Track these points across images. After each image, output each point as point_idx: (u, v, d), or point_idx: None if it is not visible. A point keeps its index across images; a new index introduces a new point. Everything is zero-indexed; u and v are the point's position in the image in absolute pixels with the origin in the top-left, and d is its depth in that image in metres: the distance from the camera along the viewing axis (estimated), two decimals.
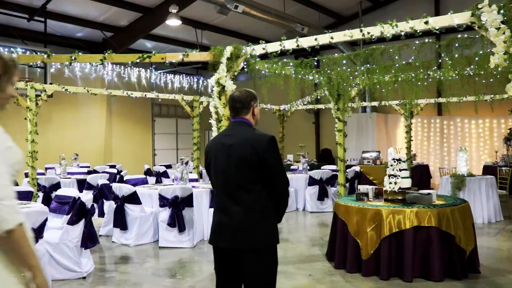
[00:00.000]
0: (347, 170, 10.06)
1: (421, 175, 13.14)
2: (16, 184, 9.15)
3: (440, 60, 7.52)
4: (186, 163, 8.16)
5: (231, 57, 5.85)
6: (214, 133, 5.98)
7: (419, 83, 8.36)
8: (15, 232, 1.86)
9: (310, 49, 5.62)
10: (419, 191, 5.85)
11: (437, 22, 4.64)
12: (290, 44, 5.60)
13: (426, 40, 6.45)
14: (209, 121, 6.06)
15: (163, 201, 7.00)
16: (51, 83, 11.63)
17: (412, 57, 7.03)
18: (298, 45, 5.54)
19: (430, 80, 8.59)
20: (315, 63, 7.57)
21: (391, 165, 5.89)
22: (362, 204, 5.70)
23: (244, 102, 3.14)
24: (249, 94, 3.18)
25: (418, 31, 4.78)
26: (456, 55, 6.44)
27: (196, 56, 6.20)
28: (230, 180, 3.05)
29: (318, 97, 13.16)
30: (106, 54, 5.98)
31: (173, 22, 11.92)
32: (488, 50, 5.99)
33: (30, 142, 8.88)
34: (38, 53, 11.87)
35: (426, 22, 4.64)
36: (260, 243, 3.01)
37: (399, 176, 5.81)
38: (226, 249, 3.09)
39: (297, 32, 13.00)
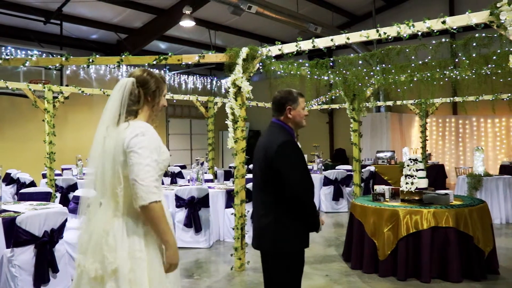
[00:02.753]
0: (362, 170, 10.03)
1: (436, 175, 13.03)
2: (35, 185, 9.27)
3: (456, 60, 7.45)
4: (202, 163, 8.19)
5: (247, 58, 5.85)
6: (231, 134, 6.00)
7: (434, 83, 8.30)
8: (149, 209, 2.26)
9: (326, 49, 5.61)
10: (436, 191, 5.82)
11: (454, 22, 4.59)
12: (306, 45, 5.59)
13: (443, 40, 6.40)
14: (225, 122, 6.07)
15: (180, 202, 7.03)
16: (67, 85, 11.75)
17: (429, 57, 6.98)
18: (314, 46, 5.53)
19: (446, 79, 8.52)
20: (331, 63, 7.54)
21: (408, 165, 5.87)
22: (378, 205, 5.69)
23: (278, 104, 3.19)
24: (284, 96, 3.19)
25: (435, 31, 4.75)
26: (474, 55, 6.39)
27: (212, 57, 6.22)
28: (256, 181, 3.18)
29: (333, 97, 13.11)
30: (123, 56, 6.02)
31: (186, 23, 11.96)
32: (507, 49, 5.95)
33: (48, 143, 8.96)
34: (54, 55, 12.03)
35: (444, 22, 4.60)
36: (267, 246, 3.05)
37: (415, 176, 5.79)
38: (255, 248, 3.21)
39: (310, 32, 12.98)
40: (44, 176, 9.79)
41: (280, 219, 3.01)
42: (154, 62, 5.99)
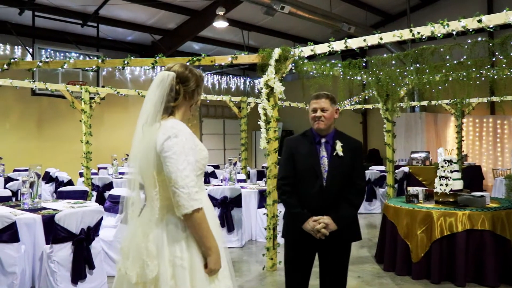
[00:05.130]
0: (396, 171, 9.91)
1: (472, 176, 12.72)
2: (72, 183, 9.52)
3: (494, 58, 7.27)
4: (235, 163, 8.25)
5: (280, 59, 5.85)
6: (263, 135, 6.02)
7: (471, 82, 8.13)
8: (191, 216, 2.19)
9: (359, 49, 5.57)
10: (471, 193, 5.70)
11: (491, 21, 4.48)
12: (338, 45, 5.55)
13: (479, 39, 6.26)
14: (258, 122, 6.09)
15: (212, 201, 7.03)
16: (103, 86, 12.02)
17: (464, 56, 6.84)
18: (346, 46, 5.50)
19: (483, 79, 8.32)
20: (363, 64, 7.48)
21: (442, 167, 5.77)
22: (412, 206, 5.61)
23: None
24: None
25: (470, 30, 4.65)
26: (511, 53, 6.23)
27: (244, 58, 6.27)
28: None
29: (366, 97, 12.99)
30: (157, 58, 6.13)
31: (220, 24, 12.06)
32: None
33: (85, 143, 9.19)
34: (91, 57, 12.33)
35: (480, 21, 4.49)
36: None
37: (450, 177, 5.68)
38: None
39: (343, 31, 12.89)
40: (81, 175, 10.04)
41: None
42: (188, 64, 6.06)
